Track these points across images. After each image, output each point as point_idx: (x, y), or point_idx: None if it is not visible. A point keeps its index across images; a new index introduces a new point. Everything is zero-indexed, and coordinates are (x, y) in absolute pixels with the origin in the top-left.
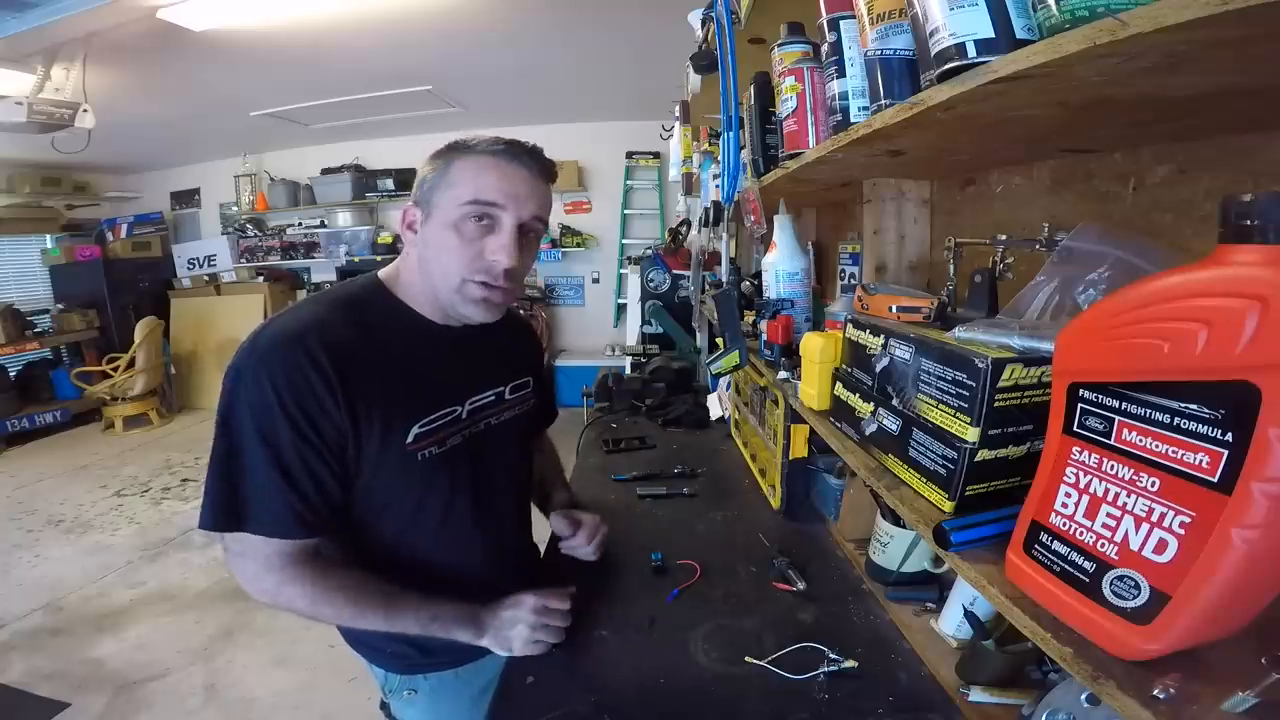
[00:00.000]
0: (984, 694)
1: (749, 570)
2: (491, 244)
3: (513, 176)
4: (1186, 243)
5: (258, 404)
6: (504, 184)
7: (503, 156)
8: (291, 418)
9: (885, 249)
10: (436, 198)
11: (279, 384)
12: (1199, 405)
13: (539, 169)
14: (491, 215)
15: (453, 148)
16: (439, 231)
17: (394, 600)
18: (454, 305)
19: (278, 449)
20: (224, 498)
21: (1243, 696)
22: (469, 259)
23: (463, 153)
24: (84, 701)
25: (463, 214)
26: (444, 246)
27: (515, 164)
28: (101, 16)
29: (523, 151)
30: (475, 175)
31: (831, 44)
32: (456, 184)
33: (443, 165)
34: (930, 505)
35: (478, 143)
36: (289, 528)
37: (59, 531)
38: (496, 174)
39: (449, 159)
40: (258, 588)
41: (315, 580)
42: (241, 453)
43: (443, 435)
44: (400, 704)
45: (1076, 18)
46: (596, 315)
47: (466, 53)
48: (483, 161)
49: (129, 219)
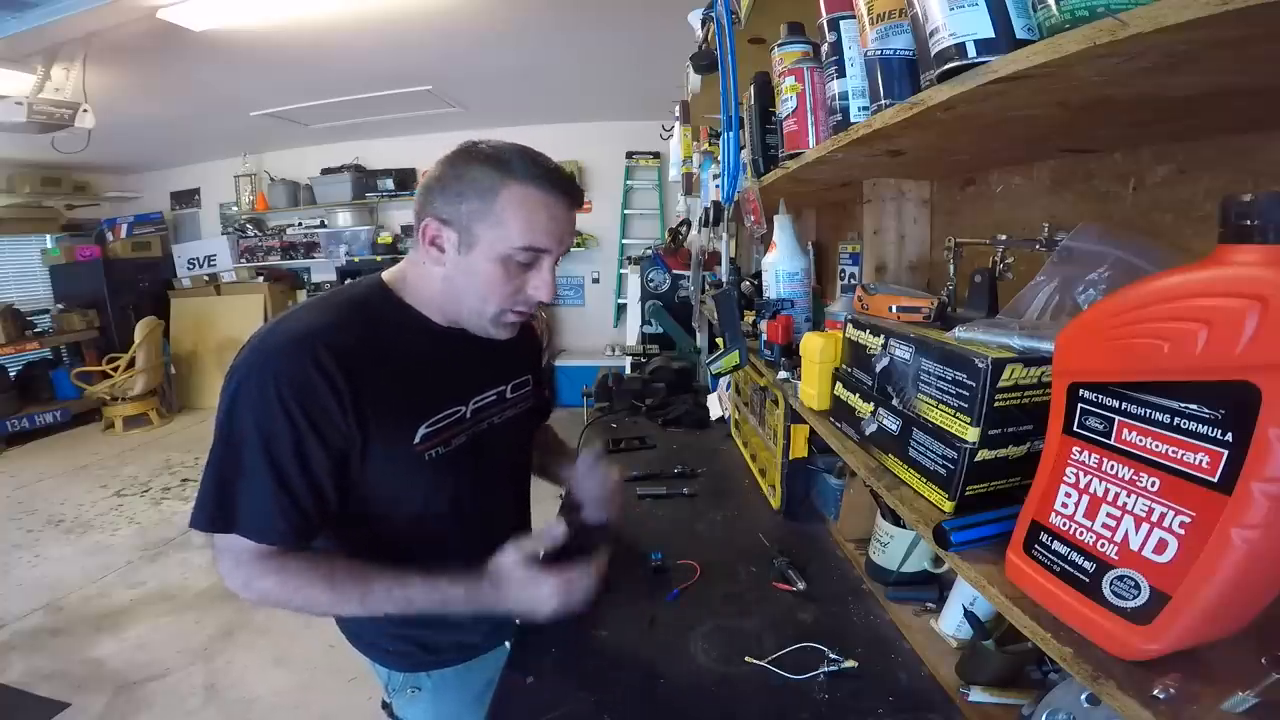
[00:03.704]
0: (984, 694)
1: (749, 570)
2: (534, 280)
3: (560, 216)
4: (1186, 243)
5: (260, 408)
6: (554, 226)
7: (553, 194)
8: (294, 422)
9: (885, 249)
10: (481, 230)
11: (283, 388)
12: (1199, 405)
13: (576, 203)
14: (539, 256)
15: (490, 165)
16: (483, 264)
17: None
18: (483, 328)
19: (277, 454)
20: (216, 499)
21: (1243, 696)
22: (510, 293)
23: (509, 179)
24: (84, 701)
25: (512, 253)
26: (487, 279)
27: (562, 203)
28: (101, 16)
29: (567, 186)
30: (528, 216)
31: (831, 44)
32: (508, 222)
33: (487, 192)
34: (930, 505)
35: (520, 166)
36: (278, 534)
37: (59, 531)
38: (547, 216)
39: (494, 186)
40: (233, 580)
41: (290, 570)
42: (240, 455)
43: (448, 435)
44: (404, 702)
45: (1076, 18)
46: (596, 315)
47: (466, 53)
48: (533, 198)
49: (129, 219)
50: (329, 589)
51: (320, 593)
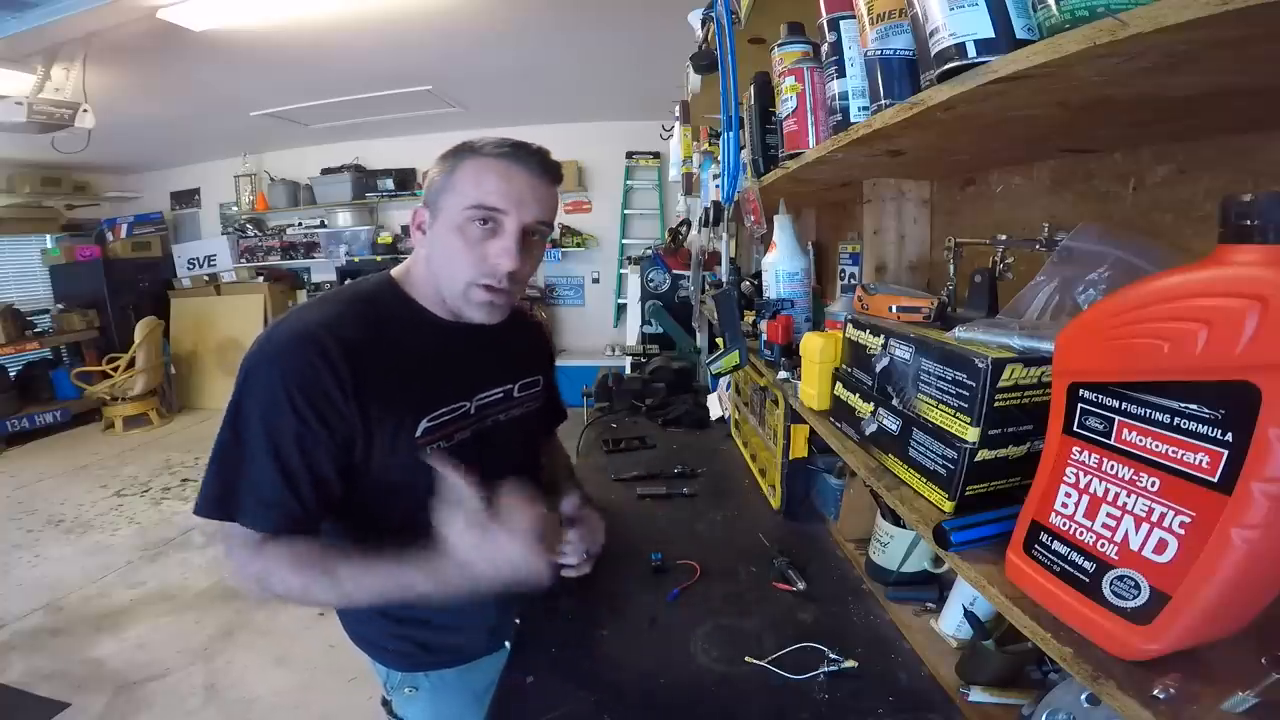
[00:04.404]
0: (984, 694)
1: (749, 570)
2: (494, 247)
3: (516, 180)
4: (1186, 243)
5: (266, 399)
6: (506, 187)
7: (507, 159)
8: (299, 413)
9: (885, 249)
10: (443, 200)
11: (289, 379)
12: (1199, 405)
13: (543, 171)
14: (494, 219)
15: (460, 149)
16: (444, 234)
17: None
18: (459, 307)
19: (281, 444)
20: (220, 487)
21: (1243, 696)
22: (473, 262)
23: (468, 155)
24: (84, 701)
25: (466, 217)
26: (449, 249)
27: (519, 166)
28: (101, 16)
29: (528, 154)
30: (478, 178)
31: (831, 44)
32: (460, 187)
33: (450, 167)
34: (930, 505)
35: (484, 144)
36: (279, 523)
37: (59, 531)
38: (499, 177)
39: (456, 161)
40: (230, 565)
41: (279, 557)
42: (244, 445)
43: (451, 430)
44: (401, 701)
45: (1076, 18)
46: (596, 315)
47: (466, 53)
48: (486, 164)
49: (129, 219)
50: (298, 573)
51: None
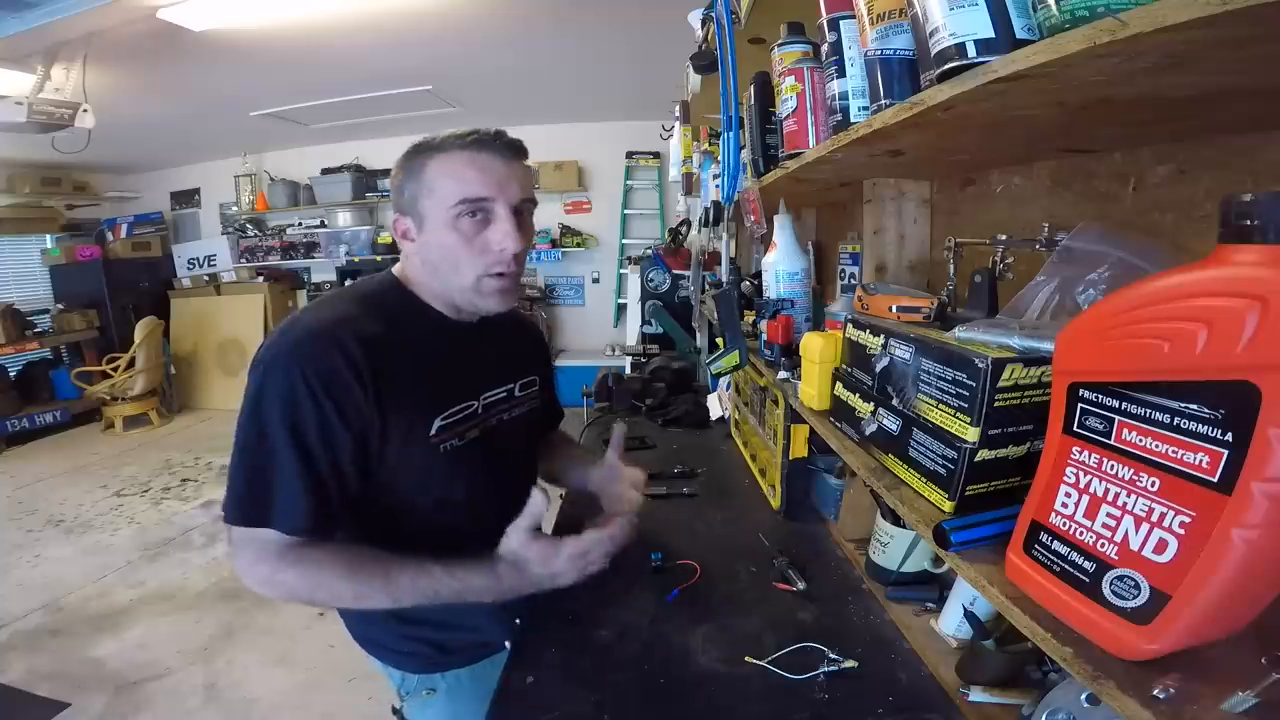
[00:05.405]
0: (984, 694)
1: (749, 570)
2: (494, 233)
3: (490, 166)
4: (1186, 243)
5: (287, 397)
6: (485, 176)
7: (473, 148)
8: (321, 409)
9: (885, 249)
10: (423, 205)
11: (309, 376)
12: (1199, 405)
13: (512, 153)
14: (484, 208)
15: (420, 149)
16: (438, 235)
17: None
18: (472, 302)
19: (306, 443)
20: (249, 493)
21: (1243, 696)
22: (476, 254)
23: (432, 153)
24: (84, 701)
25: (456, 213)
26: (448, 248)
27: (488, 154)
28: (101, 16)
29: (491, 140)
30: (455, 173)
31: (831, 44)
32: (439, 187)
33: (416, 170)
34: (930, 505)
35: (443, 141)
36: (309, 524)
37: (59, 531)
38: (474, 167)
39: (420, 162)
40: (254, 575)
41: (312, 562)
42: (270, 448)
43: (461, 429)
44: (418, 705)
45: (1076, 18)
46: (596, 315)
47: (466, 53)
48: (456, 158)
49: (129, 219)
50: (351, 580)
51: (344, 585)
